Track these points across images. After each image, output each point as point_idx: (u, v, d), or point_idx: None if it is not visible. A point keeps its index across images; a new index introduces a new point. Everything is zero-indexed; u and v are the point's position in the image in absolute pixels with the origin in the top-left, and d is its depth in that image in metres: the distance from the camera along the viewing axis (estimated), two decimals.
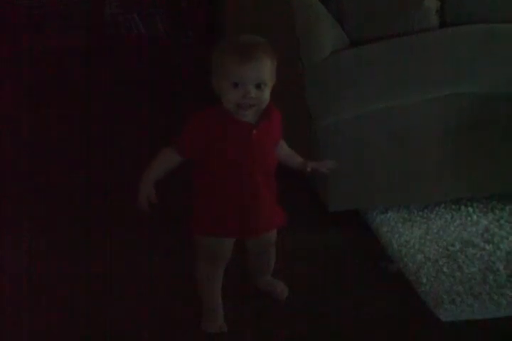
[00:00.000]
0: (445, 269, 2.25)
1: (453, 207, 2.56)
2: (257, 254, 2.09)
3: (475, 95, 2.40)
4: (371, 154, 2.41)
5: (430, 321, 2.05)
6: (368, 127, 2.39)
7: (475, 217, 2.51)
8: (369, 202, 2.50)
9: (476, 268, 2.25)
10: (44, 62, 3.75)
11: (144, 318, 2.04)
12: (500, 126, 2.46)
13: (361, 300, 2.13)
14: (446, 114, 2.41)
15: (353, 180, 2.43)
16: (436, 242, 2.38)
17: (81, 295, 2.13)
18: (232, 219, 1.89)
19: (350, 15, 2.39)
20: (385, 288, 2.19)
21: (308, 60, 2.34)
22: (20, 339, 1.98)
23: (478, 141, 2.46)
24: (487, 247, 2.35)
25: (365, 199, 2.48)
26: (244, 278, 2.14)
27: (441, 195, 2.53)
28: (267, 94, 1.78)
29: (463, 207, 2.56)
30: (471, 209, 2.55)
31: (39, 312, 2.06)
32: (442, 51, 2.37)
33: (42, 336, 1.98)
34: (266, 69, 1.76)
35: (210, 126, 1.81)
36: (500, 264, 2.27)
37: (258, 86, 1.75)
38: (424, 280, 2.19)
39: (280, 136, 1.94)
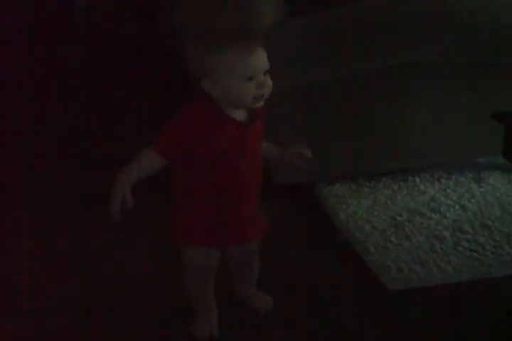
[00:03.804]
0: (393, 239, 2.25)
1: (400, 177, 2.56)
2: (237, 264, 1.96)
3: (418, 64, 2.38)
4: (316, 124, 2.39)
5: (378, 289, 2.05)
6: (317, 96, 2.37)
7: (422, 186, 2.52)
8: (314, 175, 2.47)
9: (423, 237, 2.26)
10: None
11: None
12: (443, 93, 2.46)
13: (310, 270, 2.14)
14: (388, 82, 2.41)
15: None
16: (384, 212, 2.39)
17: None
18: (222, 228, 1.79)
19: None
20: (335, 258, 2.19)
21: (253, 31, 2.31)
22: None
23: (426, 107, 2.47)
24: (434, 216, 2.36)
25: (311, 172, 2.44)
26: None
27: (389, 165, 2.53)
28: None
29: (410, 177, 2.56)
30: (417, 179, 2.56)
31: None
32: (392, 18, 2.35)
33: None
34: (265, 55, 1.68)
35: (200, 124, 1.67)
36: (446, 232, 2.28)
37: (265, 73, 1.67)
38: (372, 250, 2.20)
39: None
